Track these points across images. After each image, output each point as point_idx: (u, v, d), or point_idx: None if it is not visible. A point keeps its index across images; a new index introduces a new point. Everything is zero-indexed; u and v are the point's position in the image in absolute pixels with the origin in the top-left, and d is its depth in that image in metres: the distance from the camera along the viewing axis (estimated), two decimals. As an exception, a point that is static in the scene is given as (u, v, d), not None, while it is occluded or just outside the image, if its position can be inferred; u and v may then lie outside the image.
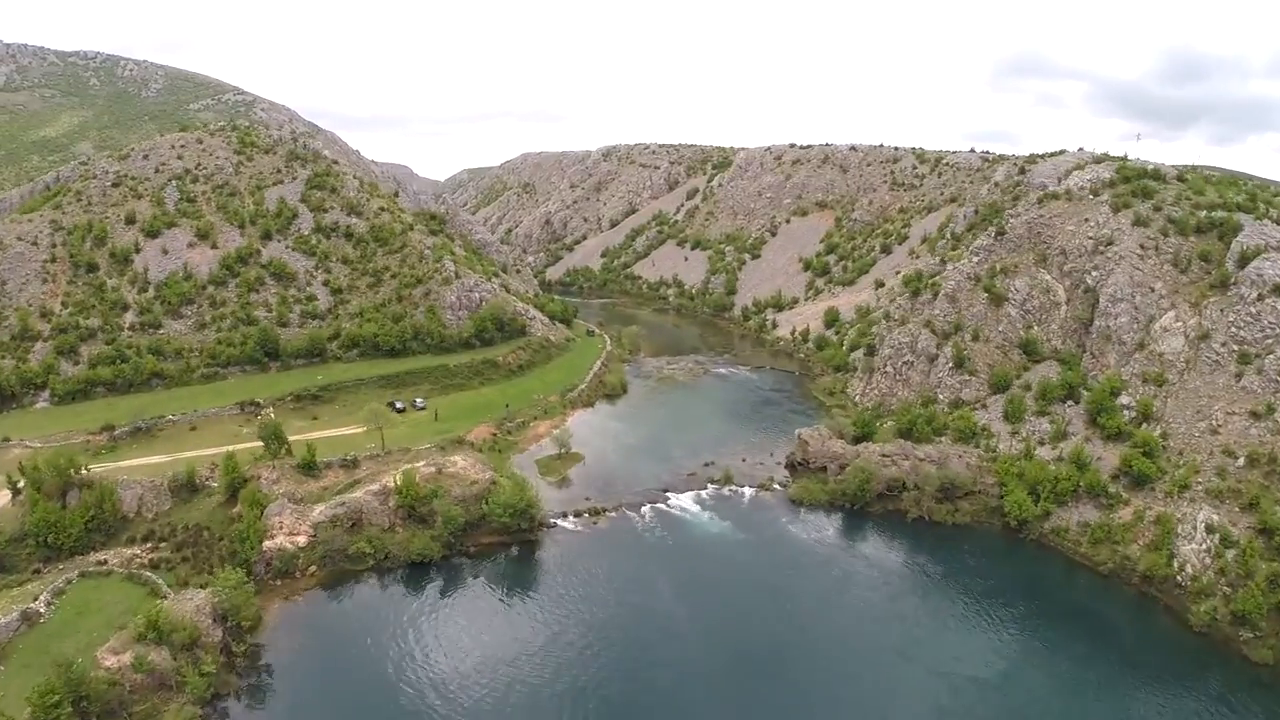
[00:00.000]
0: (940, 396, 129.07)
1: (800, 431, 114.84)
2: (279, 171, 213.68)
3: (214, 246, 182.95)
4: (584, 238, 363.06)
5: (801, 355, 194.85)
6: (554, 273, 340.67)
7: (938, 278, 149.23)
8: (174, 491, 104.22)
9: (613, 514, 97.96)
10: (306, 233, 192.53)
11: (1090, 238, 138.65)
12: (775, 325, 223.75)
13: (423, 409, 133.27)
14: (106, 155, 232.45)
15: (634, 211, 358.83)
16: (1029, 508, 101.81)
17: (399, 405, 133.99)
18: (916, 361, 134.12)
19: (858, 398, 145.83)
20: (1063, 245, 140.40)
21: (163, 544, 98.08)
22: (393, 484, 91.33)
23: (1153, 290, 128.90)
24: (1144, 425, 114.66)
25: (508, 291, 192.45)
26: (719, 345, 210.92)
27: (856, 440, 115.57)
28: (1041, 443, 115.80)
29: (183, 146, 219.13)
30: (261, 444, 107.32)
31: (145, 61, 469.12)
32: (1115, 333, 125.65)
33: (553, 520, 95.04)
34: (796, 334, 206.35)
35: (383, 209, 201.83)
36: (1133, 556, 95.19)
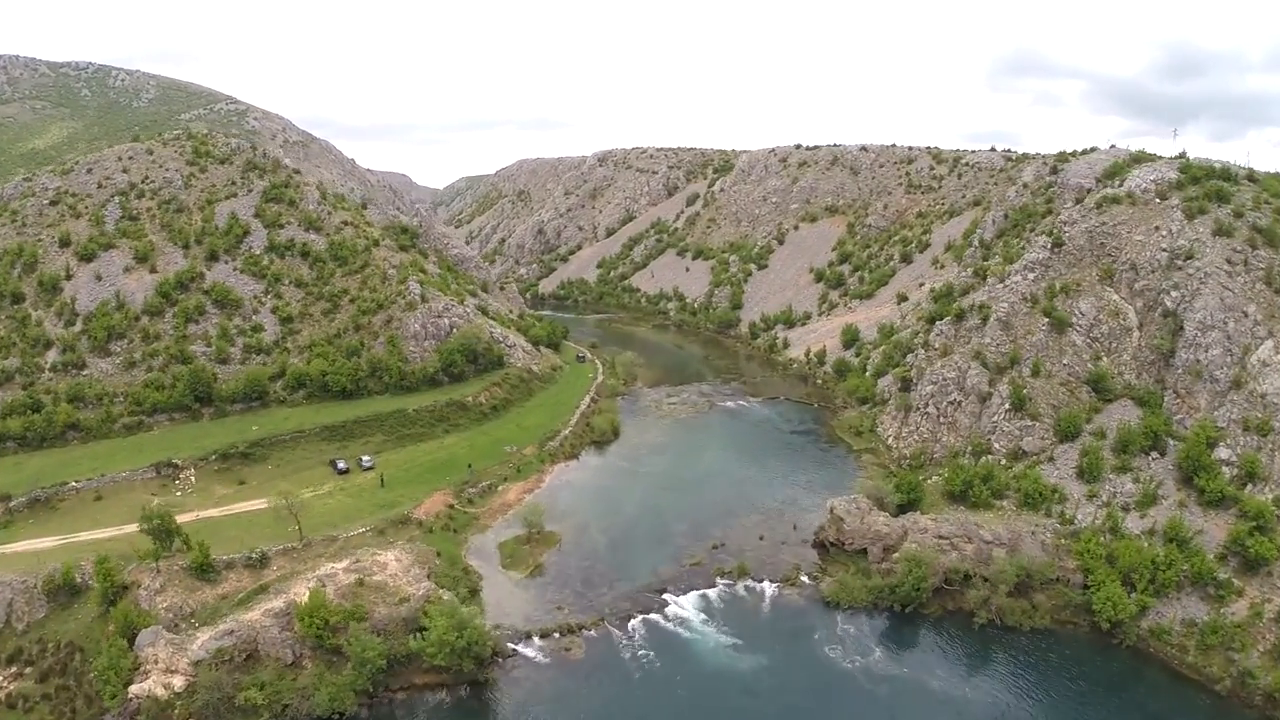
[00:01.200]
0: (996, 445, 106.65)
1: (833, 504, 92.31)
2: (233, 184, 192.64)
3: (153, 270, 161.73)
4: (579, 247, 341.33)
5: (819, 381, 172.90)
6: (547, 285, 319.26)
7: (980, 296, 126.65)
8: (50, 595, 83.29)
9: (592, 632, 74.51)
10: (258, 252, 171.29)
11: (1164, 250, 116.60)
12: (787, 344, 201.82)
13: (370, 469, 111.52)
14: (49, 170, 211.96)
15: (631, 219, 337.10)
16: (1124, 604, 79.63)
17: (341, 465, 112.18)
18: (965, 401, 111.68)
19: (891, 439, 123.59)
20: (1132, 258, 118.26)
21: (29, 669, 77.49)
22: (299, 603, 69.25)
23: (1245, 315, 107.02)
24: (1249, 487, 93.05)
25: (486, 314, 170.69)
26: (725, 369, 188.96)
27: (901, 509, 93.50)
28: (1126, 508, 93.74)
29: (130, 158, 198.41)
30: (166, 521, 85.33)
31: (137, 71, 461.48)
32: (1206, 368, 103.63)
33: (511, 647, 72.42)
34: (811, 355, 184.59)
35: (346, 223, 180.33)
36: (1254, 672, 73.64)
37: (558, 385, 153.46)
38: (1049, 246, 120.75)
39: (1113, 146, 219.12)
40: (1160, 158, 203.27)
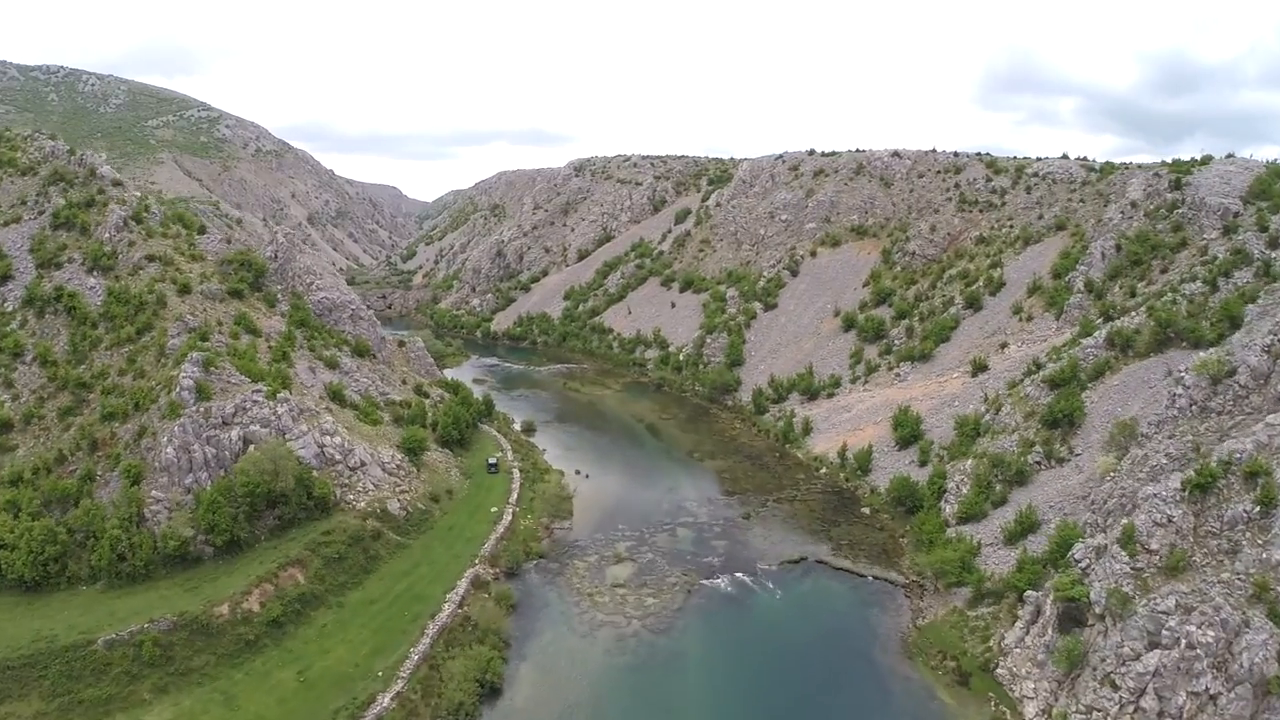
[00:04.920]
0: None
1: None
2: (23, 204, 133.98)
3: None
4: (544, 273, 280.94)
5: (864, 506, 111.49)
6: (503, 321, 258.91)
7: (1232, 445, 64.24)
8: None
9: None
10: (11, 308, 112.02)
11: None
12: (809, 430, 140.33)
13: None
14: None
15: (609, 239, 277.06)
16: None
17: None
18: (1228, 697, 49.66)
19: (1035, 716, 61.98)
20: None
21: None
22: None
23: None
24: None
25: (341, 403, 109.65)
26: (719, 476, 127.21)
27: None
28: None
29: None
30: None
31: (109, 76, 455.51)
32: None
33: None
34: (848, 457, 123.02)
35: (152, 258, 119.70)
36: None
37: (426, 539, 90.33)
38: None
39: (1230, 156, 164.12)
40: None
